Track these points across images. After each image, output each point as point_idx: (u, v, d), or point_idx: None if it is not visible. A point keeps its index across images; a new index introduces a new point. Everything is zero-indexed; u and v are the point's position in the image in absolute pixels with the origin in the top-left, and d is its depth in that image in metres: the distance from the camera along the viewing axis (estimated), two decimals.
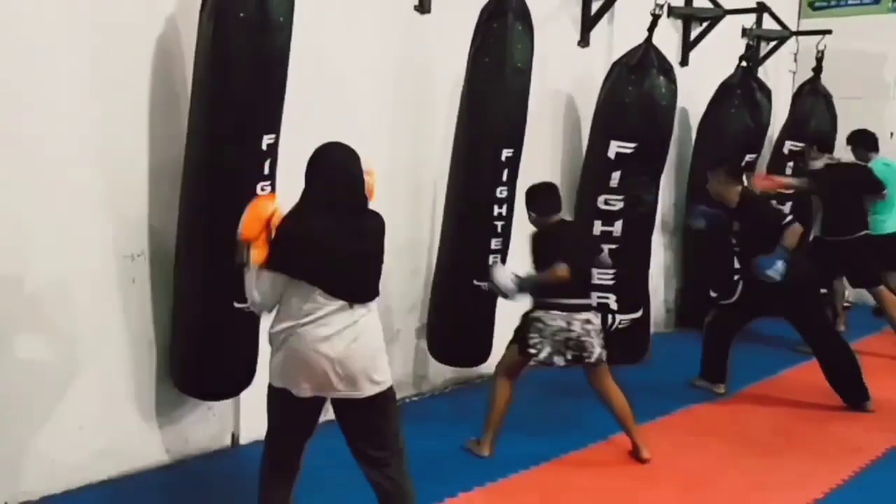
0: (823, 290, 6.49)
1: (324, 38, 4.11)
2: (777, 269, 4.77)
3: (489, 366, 4.64)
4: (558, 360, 3.98)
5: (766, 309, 5.18)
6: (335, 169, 2.82)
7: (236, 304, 3.37)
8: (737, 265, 5.47)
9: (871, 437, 4.58)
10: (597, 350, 4.00)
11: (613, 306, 5.43)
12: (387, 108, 4.60)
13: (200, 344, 3.61)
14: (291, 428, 2.89)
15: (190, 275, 3.58)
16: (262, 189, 3.39)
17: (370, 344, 2.83)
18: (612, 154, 5.42)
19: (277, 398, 2.86)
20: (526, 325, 4.02)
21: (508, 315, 4.35)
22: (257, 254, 2.76)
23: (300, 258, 2.74)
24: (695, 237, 6.60)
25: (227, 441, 4.04)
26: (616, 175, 5.42)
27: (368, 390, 2.81)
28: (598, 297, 5.57)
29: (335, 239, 2.74)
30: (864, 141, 6.52)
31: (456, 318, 4.74)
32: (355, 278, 2.80)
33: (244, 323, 3.48)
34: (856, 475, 4.10)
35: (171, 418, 3.84)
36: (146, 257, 3.66)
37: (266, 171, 3.44)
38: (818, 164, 6.24)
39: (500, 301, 4.49)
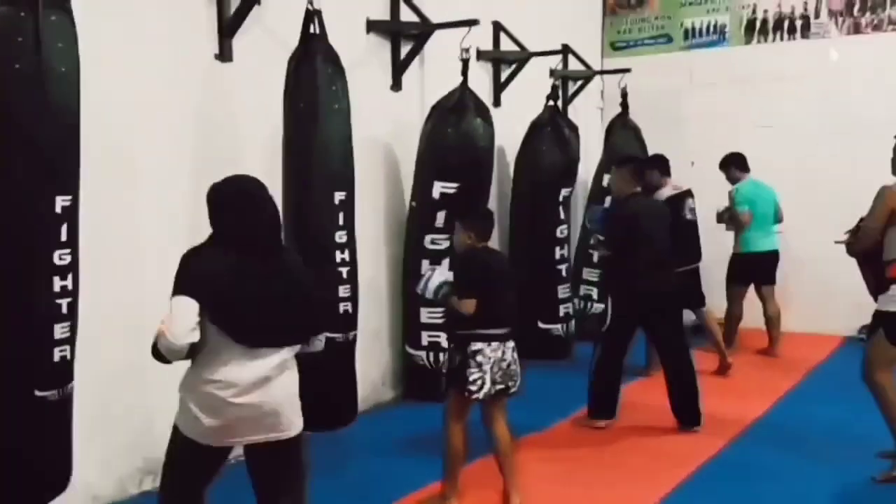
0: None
1: (106, 92, 3.75)
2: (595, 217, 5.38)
3: None
4: (490, 392, 3.85)
5: (645, 321, 5.19)
6: (245, 203, 2.72)
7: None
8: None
9: (697, 447, 4.80)
10: (518, 381, 3.96)
11: (444, 344, 5.48)
12: (185, 163, 4.35)
13: None
14: (194, 476, 2.83)
15: None
16: (61, 258, 3.09)
17: (282, 390, 2.77)
18: (436, 194, 5.56)
19: (181, 445, 2.77)
20: (464, 362, 3.86)
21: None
22: None
23: (202, 296, 2.64)
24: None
25: None
26: (441, 215, 5.56)
27: (274, 436, 2.77)
28: (430, 336, 5.67)
29: (240, 280, 2.66)
30: (735, 162, 6.83)
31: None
32: (262, 323, 2.70)
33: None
34: (681, 484, 4.28)
35: None
36: None
37: (63, 237, 3.12)
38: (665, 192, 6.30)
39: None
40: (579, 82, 8.04)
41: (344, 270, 4.47)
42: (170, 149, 4.27)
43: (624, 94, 7.32)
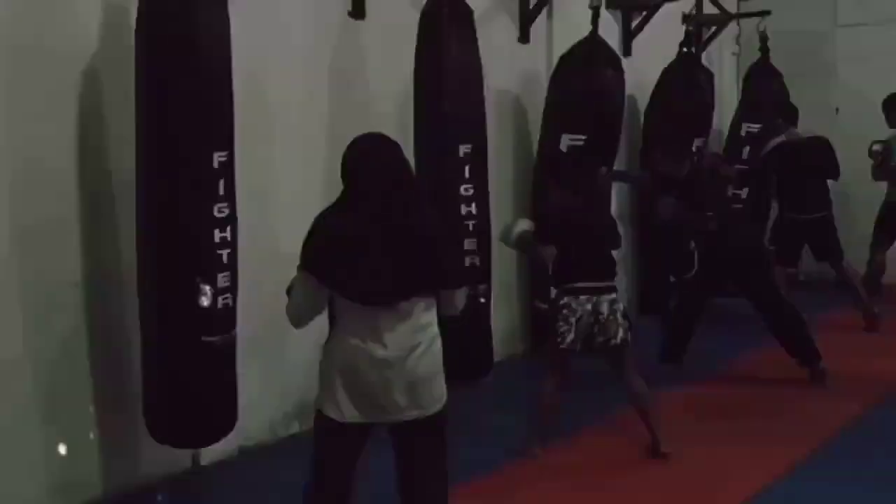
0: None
1: (250, 48, 3.86)
2: None
3: None
4: (579, 347, 3.89)
5: (723, 279, 5.20)
6: (365, 160, 2.55)
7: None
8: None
9: (835, 408, 4.61)
10: (621, 333, 3.92)
11: None
12: (322, 117, 4.48)
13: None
14: (340, 457, 2.62)
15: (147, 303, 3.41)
16: (220, 211, 3.33)
17: (429, 359, 2.56)
18: (563, 147, 5.48)
19: (324, 424, 2.60)
20: (555, 314, 3.94)
21: None
22: None
23: (324, 259, 2.50)
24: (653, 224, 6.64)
25: (188, 463, 3.97)
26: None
27: (425, 411, 2.57)
28: None
29: (360, 238, 2.47)
30: None
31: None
32: (383, 281, 2.47)
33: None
34: (818, 448, 4.12)
35: (127, 444, 3.76)
36: (82, 285, 3.57)
37: (221, 190, 3.34)
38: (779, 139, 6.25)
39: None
40: (714, 27, 7.70)
41: (470, 223, 4.50)
42: (305, 104, 4.39)
43: (763, 39, 6.97)
